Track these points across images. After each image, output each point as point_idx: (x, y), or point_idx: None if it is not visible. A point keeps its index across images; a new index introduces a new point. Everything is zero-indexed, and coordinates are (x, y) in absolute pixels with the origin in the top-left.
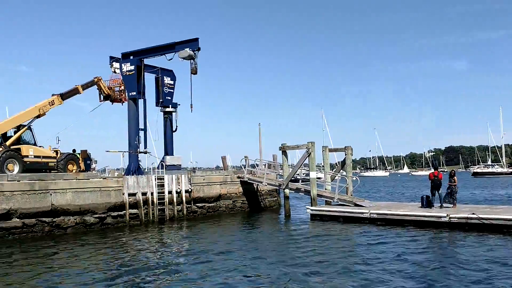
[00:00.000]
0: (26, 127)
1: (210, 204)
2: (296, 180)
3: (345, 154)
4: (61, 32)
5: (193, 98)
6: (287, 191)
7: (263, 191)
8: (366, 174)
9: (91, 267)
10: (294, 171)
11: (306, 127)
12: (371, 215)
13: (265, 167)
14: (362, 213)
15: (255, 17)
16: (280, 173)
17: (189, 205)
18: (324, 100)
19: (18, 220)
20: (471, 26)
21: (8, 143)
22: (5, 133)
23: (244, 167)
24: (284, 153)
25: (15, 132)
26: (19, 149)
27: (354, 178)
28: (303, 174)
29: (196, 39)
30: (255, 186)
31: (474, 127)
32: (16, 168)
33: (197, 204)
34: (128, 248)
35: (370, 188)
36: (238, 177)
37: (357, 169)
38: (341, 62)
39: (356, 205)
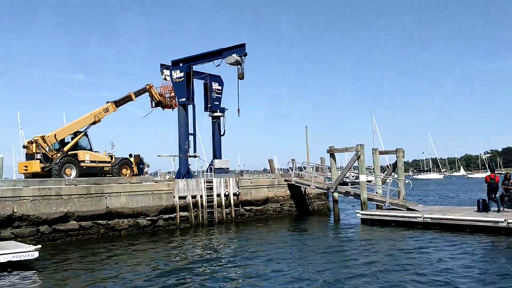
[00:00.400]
0: (82, 133)
1: (258, 207)
2: (345, 184)
3: (397, 156)
4: (115, 41)
5: (240, 102)
6: (336, 194)
7: (311, 194)
8: (419, 176)
9: (142, 268)
10: (343, 174)
11: (355, 129)
12: (425, 219)
13: (312, 170)
14: (415, 217)
15: (300, 19)
16: (328, 176)
17: (237, 208)
18: (373, 100)
19: (75, 222)
20: None
21: (66, 149)
22: (63, 139)
23: (291, 170)
24: (332, 155)
25: (72, 138)
26: (76, 154)
27: (407, 181)
28: (353, 177)
29: (243, 45)
30: (303, 190)
31: None
32: (74, 173)
33: (245, 207)
34: (178, 250)
35: (423, 191)
36: (286, 180)
37: (410, 171)
38: (392, 62)
39: (408, 209)
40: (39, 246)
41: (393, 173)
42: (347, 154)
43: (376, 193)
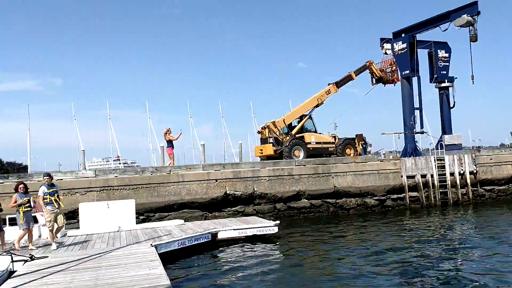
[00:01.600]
0: (307, 116)
1: (501, 187)
2: None
3: None
4: (330, 26)
5: (473, 68)
6: None
7: None
8: None
9: (370, 245)
10: None
11: None
12: None
13: None
14: None
15: None
16: None
17: (475, 188)
18: None
19: (306, 200)
20: None
21: (293, 132)
22: (291, 123)
23: None
24: None
25: (298, 122)
26: (302, 137)
27: None
28: None
29: (475, 3)
30: None
31: None
32: (301, 154)
33: (484, 187)
34: (407, 230)
35: None
36: None
37: None
38: None
39: None
40: (278, 222)
41: None
42: None
43: None
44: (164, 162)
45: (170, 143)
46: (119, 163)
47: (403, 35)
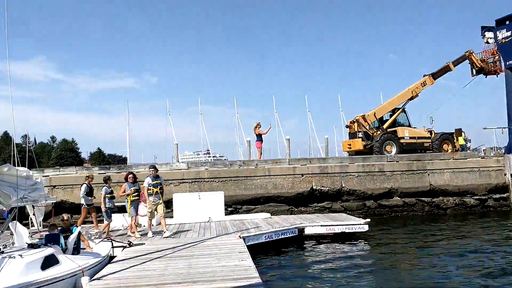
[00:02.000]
0: (400, 109)
1: None
2: None
3: None
4: (422, 14)
5: None
6: None
7: None
8: None
9: (466, 249)
10: None
11: None
12: None
13: None
14: None
15: None
16: None
17: None
18: None
19: (399, 198)
20: None
21: (385, 126)
22: (382, 117)
23: None
24: None
25: (390, 116)
26: (395, 131)
27: None
28: None
29: None
30: None
31: None
32: (394, 150)
33: None
34: (508, 233)
35: None
36: None
37: None
38: None
39: None
40: (368, 220)
41: None
42: None
43: None
44: (250, 155)
45: (259, 137)
46: (209, 157)
47: (507, 22)
